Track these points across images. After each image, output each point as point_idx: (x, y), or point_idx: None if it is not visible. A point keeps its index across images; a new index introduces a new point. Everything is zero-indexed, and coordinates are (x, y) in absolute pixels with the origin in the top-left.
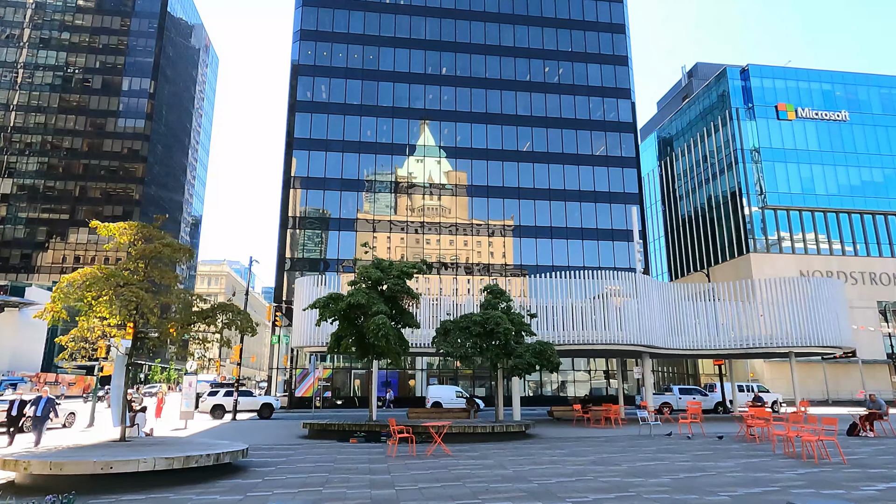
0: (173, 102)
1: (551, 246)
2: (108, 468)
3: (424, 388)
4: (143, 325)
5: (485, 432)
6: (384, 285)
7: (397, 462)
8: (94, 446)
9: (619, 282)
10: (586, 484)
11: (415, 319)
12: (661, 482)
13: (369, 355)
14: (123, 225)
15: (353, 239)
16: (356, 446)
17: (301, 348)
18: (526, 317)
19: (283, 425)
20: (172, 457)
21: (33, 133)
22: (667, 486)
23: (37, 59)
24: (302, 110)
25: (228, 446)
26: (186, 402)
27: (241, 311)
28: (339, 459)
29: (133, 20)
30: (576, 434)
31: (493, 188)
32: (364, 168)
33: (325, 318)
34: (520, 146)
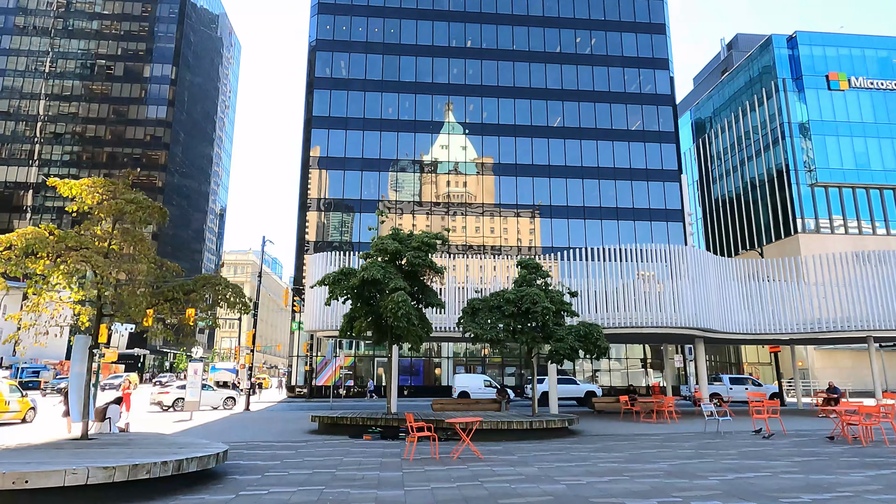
0: (196, 90)
1: (584, 227)
2: (21, 482)
3: (451, 377)
4: (106, 300)
5: (521, 429)
6: (403, 259)
7: (415, 468)
8: (40, 447)
9: (670, 257)
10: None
11: (438, 297)
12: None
13: (387, 339)
14: (88, 181)
15: (375, 220)
16: (369, 444)
17: (314, 332)
18: (566, 295)
19: (296, 418)
20: (113, 466)
21: (60, 122)
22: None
23: (66, 48)
24: (320, 87)
25: (198, 449)
26: (192, 391)
27: (231, 284)
28: (344, 464)
29: (155, 5)
30: (627, 430)
31: (521, 166)
32: (385, 147)
33: (335, 297)
34: (550, 122)
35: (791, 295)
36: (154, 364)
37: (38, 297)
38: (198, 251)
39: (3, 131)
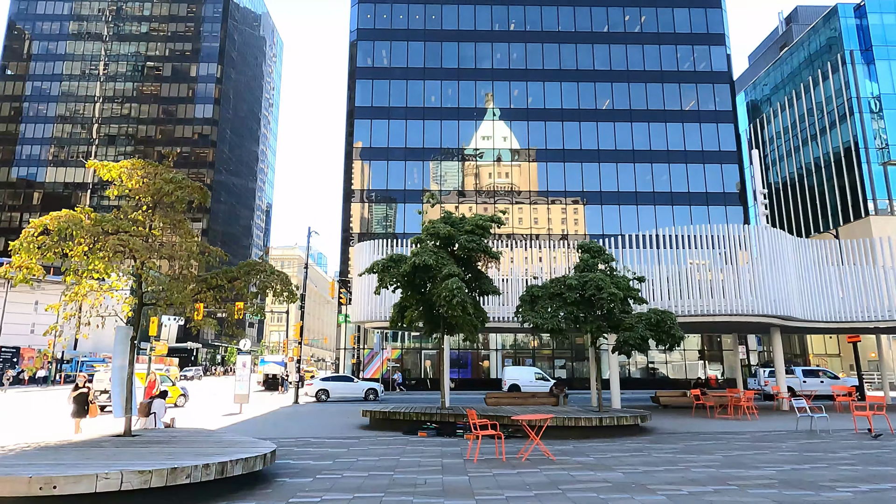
0: (241, 89)
1: (636, 213)
2: (49, 488)
3: (499, 370)
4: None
5: (589, 426)
6: (455, 244)
7: (481, 471)
8: (78, 445)
9: (747, 239)
10: None
11: (493, 285)
12: None
13: (439, 329)
14: (127, 163)
15: (420, 211)
16: (426, 442)
17: (362, 324)
18: (633, 281)
19: (346, 412)
20: (150, 470)
21: (114, 123)
22: None
23: (117, 51)
24: (362, 77)
25: (244, 449)
26: (241, 384)
27: (276, 271)
28: (402, 465)
29: (200, 6)
30: (706, 428)
31: (569, 152)
32: (429, 136)
33: (385, 285)
34: (598, 104)
35: (874, 280)
36: (206, 357)
37: (78, 285)
38: (245, 247)
39: (62, 134)
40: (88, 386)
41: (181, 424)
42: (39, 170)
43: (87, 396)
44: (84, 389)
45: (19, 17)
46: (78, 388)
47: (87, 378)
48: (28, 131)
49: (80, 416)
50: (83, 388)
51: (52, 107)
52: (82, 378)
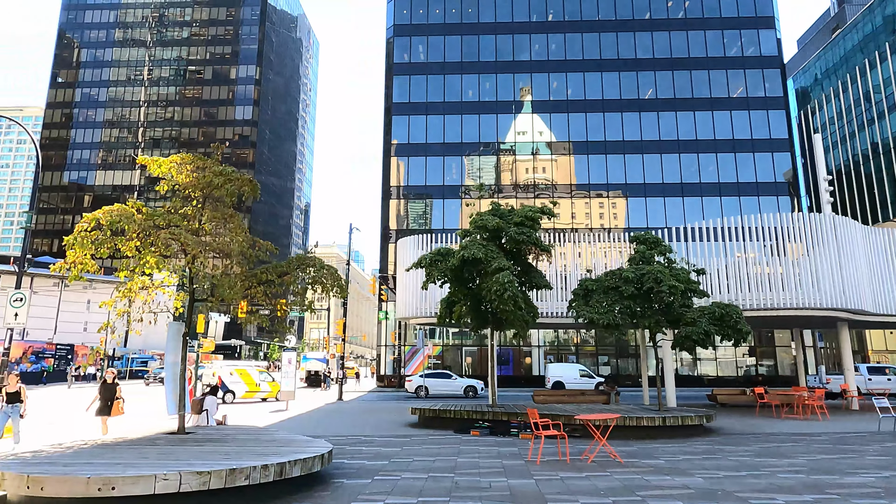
0: (278, 90)
1: (682, 204)
2: (108, 489)
3: (542, 367)
4: (201, 283)
5: (652, 426)
6: (505, 236)
7: (547, 475)
8: (133, 443)
9: (812, 228)
10: None
11: (544, 278)
12: None
13: (488, 325)
14: (176, 158)
15: (458, 207)
16: (479, 442)
17: (407, 320)
18: (692, 273)
19: (392, 408)
20: (208, 471)
21: (158, 127)
22: None
23: (160, 56)
24: (399, 73)
25: (301, 448)
26: (287, 381)
27: (326, 265)
28: (461, 467)
29: (238, 9)
30: (776, 429)
31: (610, 143)
32: (467, 130)
33: (432, 280)
34: (641, 94)
35: None
36: (249, 354)
37: (130, 281)
38: (285, 246)
39: (109, 138)
40: (118, 382)
41: (231, 422)
42: (90, 173)
43: (113, 393)
44: (111, 385)
45: (68, 26)
46: (106, 383)
47: (116, 374)
48: (78, 136)
49: (104, 415)
50: (111, 384)
51: (100, 112)
52: (111, 374)
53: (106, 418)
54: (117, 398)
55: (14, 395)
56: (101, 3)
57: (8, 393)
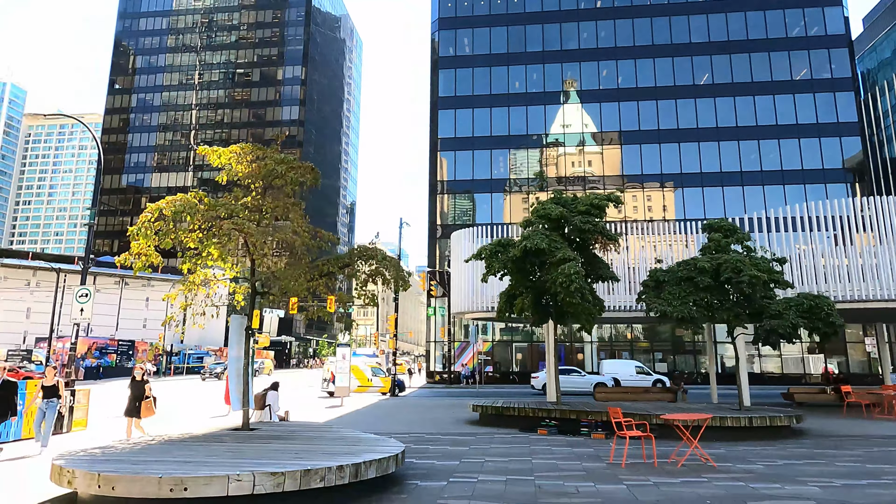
0: (323, 90)
1: (742, 194)
2: (180, 489)
3: (594, 363)
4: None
5: (737, 427)
6: (568, 226)
7: (637, 479)
8: (200, 440)
9: None
10: None
11: (610, 270)
12: None
13: (548, 318)
14: (236, 148)
15: (506, 200)
16: (548, 441)
17: (462, 315)
18: (772, 262)
19: (447, 405)
20: (282, 472)
21: (209, 129)
22: None
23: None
24: (445, 67)
25: (373, 448)
26: (341, 376)
27: (388, 256)
28: (539, 469)
29: (283, 11)
30: (872, 430)
31: (664, 132)
32: (514, 123)
33: (493, 272)
34: (696, 80)
35: None
36: (298, 350)
37: (193, 274)
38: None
39: (164, 142)
40: (147, 379)
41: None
42: (146, 176)
43: (142, 391)
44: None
45: (124, 34)
46: (134, 380)
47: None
48: (135, 140)
49: (133, 416)
50: (140, 382)
51: (154, 116)
52: (139, 369)
53: (135, 420)
54: (147, 397)
55: (51, 390)
56: (154, 11)
57: (44, 387)
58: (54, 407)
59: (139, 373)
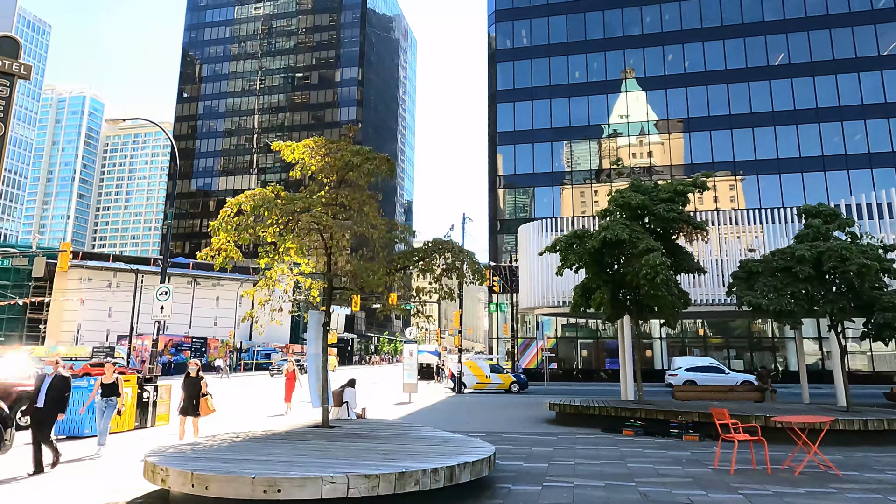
0: (380, 90)
1: (824, 179)
2: (273, 491)
3: (664, 360)
4: (337, 270)
5: (850, 430)
6: (649, 215)
7: (752, 487)
8: (284, 437)
9: None
10: None
11: (695, 261)
12: None
13: (627, 313)
14: (309, 141)
15: (569, 193)
16: (637, 443)
17: (531, 311)
18: (880, 250)
19: (519, 403)
20: (376, 474)
21: (270, 133)
22: None
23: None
24: (502, 59)
25: (463, 449)
26: (409, 373)
27: (464, 249)
28: (637, 474)
29: (339, 14)
30: None
31: (736, 117)
32: (575, 114)
33: (568, 265)
34: (770, 60)
35: None
36: (360, 347)
37: (271, 269)
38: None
39: (229, 146)
40: (202, 375)
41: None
42: (213, 180)
43: (198, 388)
44: (196, 378)
45: (190, 45)
46: (189, 377)
47: (200, 366)
48: (202, 146)
49: (190, 415)
50: (195, 378)
51: (220, 122)
52: (194, 365)
53: (194, 420)
54: (204, 395)
55: (110, 388)
56: (218, 21)
57: (103, 384)
58: (113, 406)
59: (193, 368)
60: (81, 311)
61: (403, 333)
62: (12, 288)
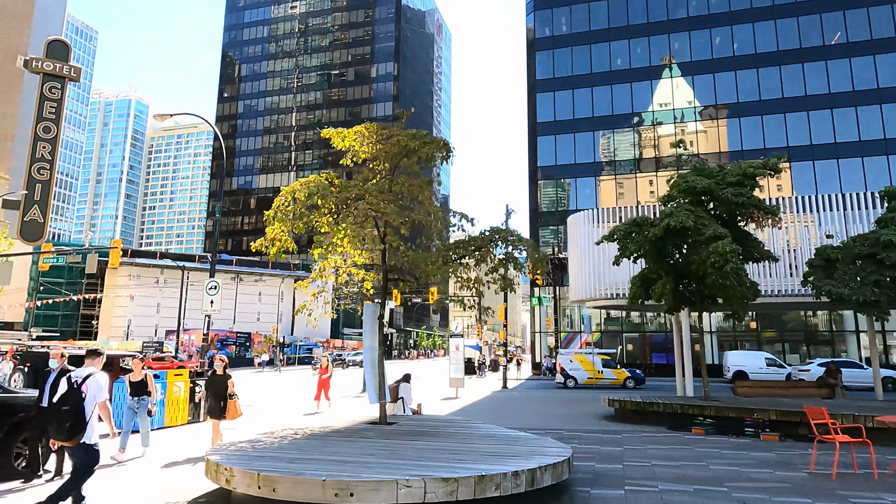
0: (415, 84)
1: (886, 164)
2: (346, 495)
3: (715, 355)
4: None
5: None
6: (714, 200)
7: (859, 493)
8: (343, 434)
9: None
10: None
11: (765, 249)
12: None
13: (688, 304)
14: (360, 128)
15: (611, 185)
16: (713, 442)
17: (581, 303)
18: None
19: (570, 399)
20: (454, 478)
21: (308, 130)
22: None
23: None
24: (541, 48)
25: (536, 448)
26: (455, 367)
27: (524, 238)
28: (723, 476)
29: (374, 9)
30: None
31: (788, 101)
32: (618, 102)
33: (627, 255)
34: (826, 40)
35: None
36: (399, 342)
37: (325, 261)
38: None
39: (268, 144)
40: (230, 374)
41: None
42: (253, 178)
43: (224, 387)
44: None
45: (230, 45)
46: (215, 375)
47: (227, 362)
48: (242, 145)
49: (216, 417)
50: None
51: (259, 121)
52: (220, 361)
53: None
54: (230, 395)
55: (139, 386)
56: (256, 21)
57: (132, 382)
58: (145, 405)
59: (219, 365)
60: (131, 306)
61: (441, 328)
62: (66, 285)
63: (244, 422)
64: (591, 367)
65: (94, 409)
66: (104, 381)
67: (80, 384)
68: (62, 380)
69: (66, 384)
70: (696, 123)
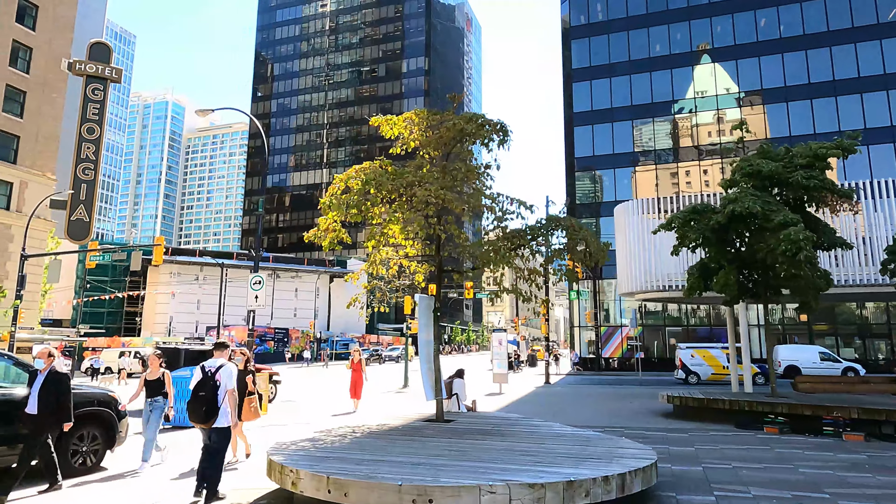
0: (445, 79)
1: None
2: (424, 501)
3: (762, 349)
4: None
5: None
6: (781, 185)
7: None
8: (403, 431)
9: None
10: None
11: (839, 236)
12: None
13: (750, 295)
14: (410, 114)
15: (651, 175)
16: (787, 441)
17: (630, 296)
18: None
19: (617, 394)
20: (541, 483)
21: (340, 127)
22: None
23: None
24: (577, 36)
25: (616, 449)
26: (499, 362)
27: (582, 226)
28: (820, 481)
29: (403, 5)
30: None
31: (840, 83)
32: (658, 89)
33: (685, 244)
34: (881, 18)
35: None
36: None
37: (377, 252)
38: None
39: (301, 142)
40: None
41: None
42: (287, 175)
43: (244, 384)
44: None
45: (262, 45)
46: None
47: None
48: (276, 143)
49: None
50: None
51: (292, 119)
52: (240, 355)
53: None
54: (250, 394)
55: (155, 385)
56: (287, 20)
57: (147, 381)
58: (160, 407)
59: (241, 359)
60: (172, 303)
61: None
62: (110, 283)
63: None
64: (716, 362)
65: (225, 395)
66: (234, 371)
67: (214, 373)
68: (195, 369)
69: (200, 373)
70: (741, 109)
